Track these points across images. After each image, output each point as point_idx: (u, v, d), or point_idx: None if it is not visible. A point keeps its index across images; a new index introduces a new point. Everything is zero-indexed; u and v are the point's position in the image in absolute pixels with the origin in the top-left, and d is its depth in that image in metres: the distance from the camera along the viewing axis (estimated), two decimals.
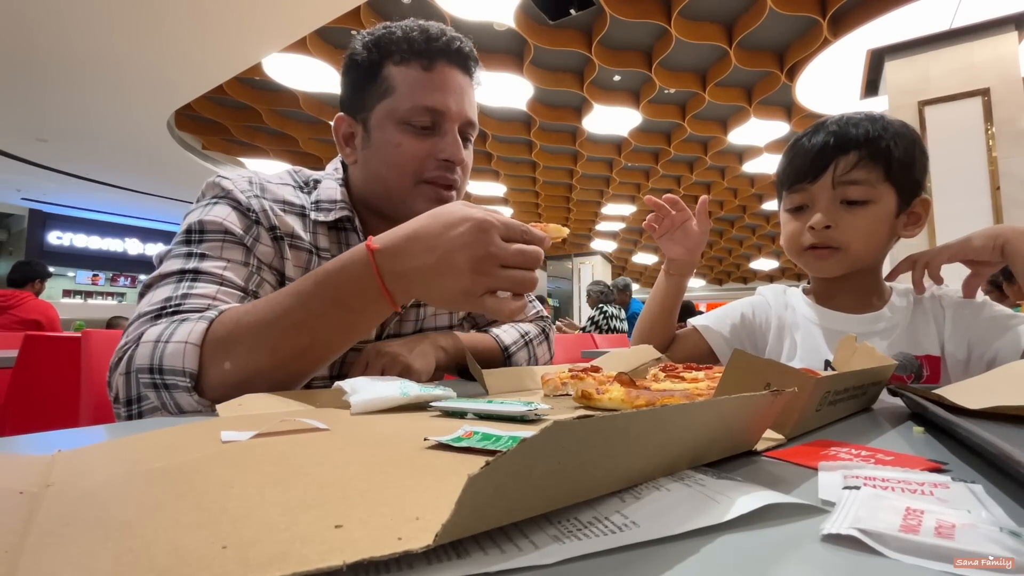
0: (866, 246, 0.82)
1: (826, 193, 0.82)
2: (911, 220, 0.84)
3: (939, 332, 0.83)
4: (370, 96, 0.76)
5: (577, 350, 2.58)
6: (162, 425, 0.41)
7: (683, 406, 0.24)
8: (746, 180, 8.45)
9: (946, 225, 3.25)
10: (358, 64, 0.77)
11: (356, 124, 0.79)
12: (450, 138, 0.76)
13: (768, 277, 16.60)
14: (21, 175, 7.43)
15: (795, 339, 0.91)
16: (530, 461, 0.19)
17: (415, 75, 0.74)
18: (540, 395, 0.62)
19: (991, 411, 0.37)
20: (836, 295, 0.91)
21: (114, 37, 4.08)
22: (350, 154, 0.80)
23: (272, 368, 0.56)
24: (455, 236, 0.53)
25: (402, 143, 0.75)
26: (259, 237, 0.70)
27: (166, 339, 0.55)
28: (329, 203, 0.77)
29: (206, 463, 0.29)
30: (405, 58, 0.75)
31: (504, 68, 5.15)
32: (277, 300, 0.57)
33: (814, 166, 0.82)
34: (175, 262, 0.64)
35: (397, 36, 0.75)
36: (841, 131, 0.81)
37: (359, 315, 0.58)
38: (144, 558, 0.17)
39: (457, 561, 0.17)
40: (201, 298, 0.61)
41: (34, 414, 1.63)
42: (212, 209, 0.68)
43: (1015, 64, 3.27)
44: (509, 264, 0.54)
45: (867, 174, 0.80)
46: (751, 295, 1.03)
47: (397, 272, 0.55)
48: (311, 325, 0.56)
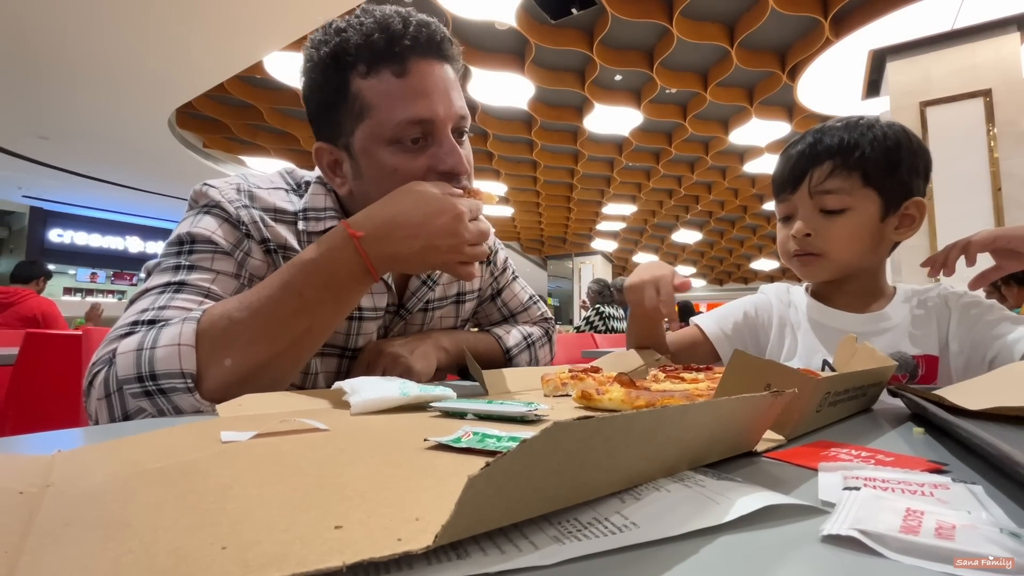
0: (848, 252, 0.83)
1: (805, 203, 0.84)
2: (903, 222, 0.84)
3: (941, 332, 0.83)
4: (345, 119, 0.68)
5: (577, 350, 2.58)
6: (162, 425, 0.41)
7: (683, 407, 0.24)
8: (747, 180, 8.45)
9: (947, 226, 3.24)
10: (319, 84, 0.68)
11: (339, 151, 0.71)
12: (447, 145, 0.68)
13: (769, 277, 16.59)
14: (22, 172, 7.43)
15: (796, 337, 0.92)
16: (530, 462, 0.19)
17: (389, 86, 0.65)
18: (540, 396, 0.62)
19: (991, 412, 0.36)
20: (837, 295, 0.91)
21: (115, 35, 4.08)
22: (341, 184, 0.72)
23: (272, 358, 0.57)
24: (437, 226, 0.61)
25: (397, 167, 0.67)
26: (250, 251, 0.67)
27: (151, 345, 0.54)
28: (316, 212, 0.73)
29: (206, 463, 0.29)
30: (372, 67, 0.65)
31: (505, 67, 5.15)
32: (266, 293, 0.58)
33: (792, 176, 0.85)
34: (162, 275, 0.63)
35: (355, 41, 0.65)
36: (815, 141, 0.83)
37: (352, 293, 0.63)
38: (144, 558, 0.17)
39: (457, 562, 0.17)
40: (179, 310, 0.59)
41: (34, 412, 1.63)
42: (201, 220, 0.66)
43: (1017, 65, 3.27)
44: (473, 242, 0.64)
45: (842, 182, 0.81)
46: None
47: (384, 255, 0.61)
48: (309, 311, 0.59)
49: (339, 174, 0.72)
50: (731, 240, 12.58)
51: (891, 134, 0.82)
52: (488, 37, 4.80)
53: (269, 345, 0.57)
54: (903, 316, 0.86)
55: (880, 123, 0.83)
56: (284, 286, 0.58)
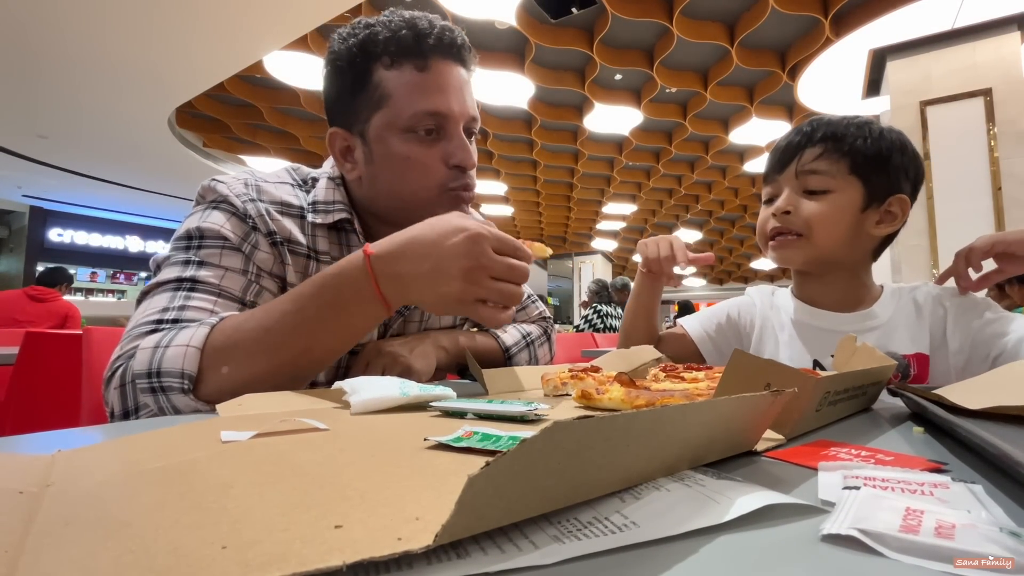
0: (823, 235, 0.83)
1: (790, 183, 0.86)
2: (885, 218, 0.84)
3: (935, 330, 0.83)
4: (363, 106, 0.71)
5: (577, 350, 2.58)
6: (162, 425, 0.41)
7: (683, 406, 0.24)
8: (747, 180, 8.45)
9: (947, 225, 3.24)
10: (343, 71, 0.71)
11: (352, 137, 0.74)
12: (457, 141, 0.72)
13: (768, 277, 16.60)
14: (22, 172, 7.43)
15: (779, 339, 0.92)
16: (530, 461, 0.19)
17: (410, 78, 0.69)
18: (540, 395, 0.62)
19: (991, 411, 0.36)
20: (822, 295, 0.91)
21: (115, 34, 4.08)
22: (351, 169, 0.75)
23: (269, 373, 0.56)
24: (449, 245, 0.55)
25: (410, 155, 0.70)
26: (257, 244, 0.68)
27: (166, 344, 0.55)
28: (326, 204, 0.74)
29: (206, 463, 0.29)
30: (396, 60, 0.69)
31: (505, 67, 5.15)
32: (275, 305, 0.58)
33: (782, 158, 0.87)
34: (173, 270, 0.63)
35: (384, 36, 0.69)
36: (812, 129, 0.85)
37: (355, 317, 0.58)
38: (144, 558, 0.17)
39: (457, 561, 0.17)
40: (199, 311, 0.61)
41: (34, 411, 1.63)
42: (210, 215, 0.67)
43: (1017, 64, 3.26)
44: (498, 276, 0.56)
45: (828, 166, 0.82)
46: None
47: (392, 275, 0.56)
48: (308, 329, 0.57)
49: (350, 159, 0.75)
50: (731, 239, 12.58)
51: (887, 134, 0.83)
52: (488, 36, 4.80)
53: (266, 359, 0.56)
54: (891, 315, 0.86)
55: (880, 124, 0.84)
56: (293, 300, 0.57)
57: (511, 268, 0.57)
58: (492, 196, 9.28)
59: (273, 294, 0.70)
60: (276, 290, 0.70)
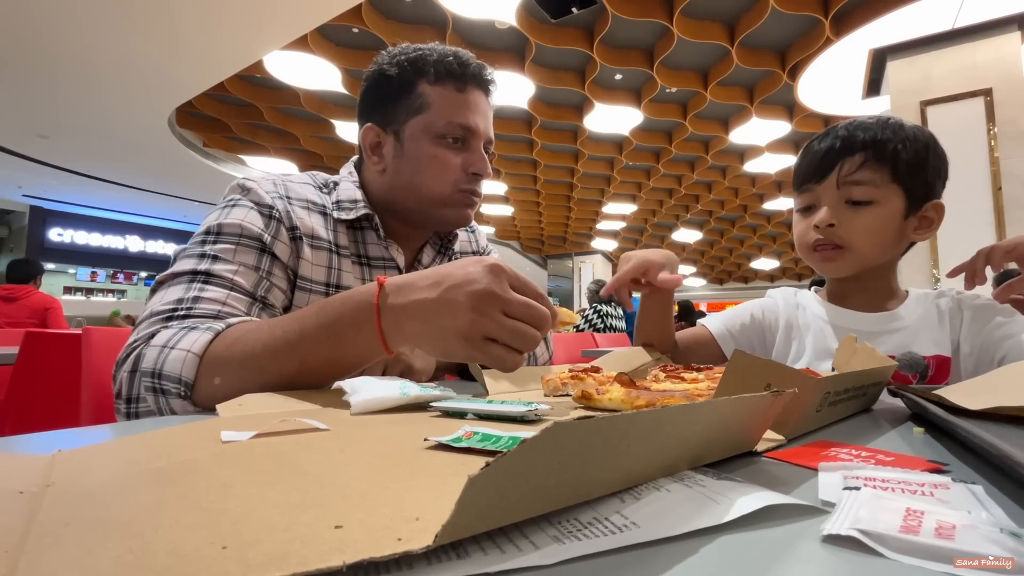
0: (871, 245, 0.83)
1: (831, 193, 0.83)
2: (922, 224, 0.85)
3: (954, 333, 0.84)
4: (403, 110, 0.82)
5: (577, 350, 2.58)
6: (162, 425, 0.41)
7: (683, 407, 0.24)
8: (747, 180, 8.44)
9: (947, 225, 3.19)
10: (390, 79, 0.82)
11: (386, 135, 0.84)
12: (478, 154, 0.84)
13: (769, 277, 16.60)
14: (22, 171, 7.43)
15: (804, 340, 0.92)
16: (530, 462, 0.19)
17: (450, 94, 0.81)
18: (540, 395, 0.62)
19: (991, 411, 0.36)
20: (849, 295, 0.91)
21: (115, 34, 4.07)
22: (377, 162, 0.84)
23: (258, 390, 0.54)
24: (463, 273, 0.51)
25: (437, 155, 0.81)
26: (277, 234, 0.73)
27: (172, 345, 0.57)
28: (349, 202, 0.83)
29: (206, 463, 0.29)
30: (440, 78, 0.81)
31: (505, 66, 5.14)
32: (279, 322, 0.58)
33: (821, 167, 0.84)
34: (188, 262, 0.67)
35: (433, 58, 0.82)
36: (849, 134, 0.83)
37: (349, 347, 0.56)
38: (144, 558, 0.17)
39: (457, 561, 0.17)
40: (211, 303, 0.64)
41: (34, 411, 1.63)
42: (232, 211, 0.72)
43: (1017, 64, 3.26)
44: (513, 313, 0.50)
45: (872, 175, 0.81)
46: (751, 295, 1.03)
47: (396, 305, 0.52)
48: (302, 350, 0.55)
49: (378, 153, 0.85)
50: (731, 239, 12.58)
51: (921, 136, 0.83)
52: (488, 36, 4.79)
53: (257, 376, 0.55)
54: (915, 317, 0.86)
55: (911, 125, 0.84)
56: (296, 318, 0.57)
57: (528, 306, 0.50)
58: (492, 196, 9.28)
59: (282, 290, 0.73)
60: (285, 284, 0.74)
